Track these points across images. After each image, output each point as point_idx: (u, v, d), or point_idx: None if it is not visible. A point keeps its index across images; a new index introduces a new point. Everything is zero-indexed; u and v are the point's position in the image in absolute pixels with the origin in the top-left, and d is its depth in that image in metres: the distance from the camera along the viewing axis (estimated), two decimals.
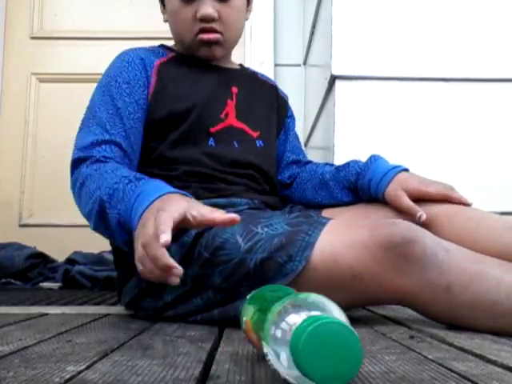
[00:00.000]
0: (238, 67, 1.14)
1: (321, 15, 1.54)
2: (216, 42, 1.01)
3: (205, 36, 0.99)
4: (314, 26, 1.66)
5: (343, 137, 1.28)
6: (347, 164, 1.04)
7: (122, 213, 0.78)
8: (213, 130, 0.99)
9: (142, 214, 0.73)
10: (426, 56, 1.26)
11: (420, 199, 0.93)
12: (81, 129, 0.93)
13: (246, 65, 1.36)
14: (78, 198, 0.88)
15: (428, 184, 0.94)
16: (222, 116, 1.01)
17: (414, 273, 0.73)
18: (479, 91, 1.25)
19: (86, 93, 1.00)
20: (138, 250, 0.70)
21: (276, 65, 1.94)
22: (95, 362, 0.52)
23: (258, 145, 1.04)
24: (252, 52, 1.89)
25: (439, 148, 1.29)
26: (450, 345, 0.65)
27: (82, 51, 2.12)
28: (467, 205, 0.91)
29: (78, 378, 0.45)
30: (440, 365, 0.52)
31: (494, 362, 0.54)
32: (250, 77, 1.13)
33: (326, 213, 1.02)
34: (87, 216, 0.85)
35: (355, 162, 1.03)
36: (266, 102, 1.12)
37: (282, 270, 0.76)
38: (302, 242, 0.76)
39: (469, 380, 0.46)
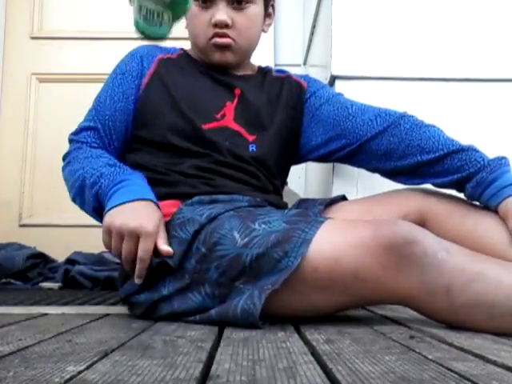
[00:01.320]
0: (252, 73, 1.12)
1: (321, 15, 1.54)
2: (228, 47, 1.04)
3: (218, 40, 1.03)
4: (314, 26, 1.66)
5: None
6: (462, 153, 0.95)
7: (103, 186, 0.88)
8: (205, 127, 1.00)
9: (121, 203, 0.85)
10: (426, 56, 1.26)
11: None
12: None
13: None
14: (63, 173, 1.00)
15: None
16: (218, 116, 1.02)
17: (414, 273, 0.74)
18: (479, 91, 1.25)
19: (85, 93, 1.01)
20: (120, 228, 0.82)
21: (276, 65, 1.94)
22: (95, 362, 0.52)
23: (250, 149, 1.02)
24: None
25: None
26: (450, 345, 0.65)
27: (81, 51, 2.12)
28: None
29: (78, 378, 0.45)
30: (440, 365, 0.52)
31: (494, 362, 0.54)
32: (261, 79, 1.11)
33: (330, 209, 1.02)
34: (69, 188, 0.97)
35: (473, 153, 0.95)
36: (275, 101, 1.08)
37: (277, 265, 0.76)
38: (298, 238, 0.77)
39: (469, 380, 0.46)
